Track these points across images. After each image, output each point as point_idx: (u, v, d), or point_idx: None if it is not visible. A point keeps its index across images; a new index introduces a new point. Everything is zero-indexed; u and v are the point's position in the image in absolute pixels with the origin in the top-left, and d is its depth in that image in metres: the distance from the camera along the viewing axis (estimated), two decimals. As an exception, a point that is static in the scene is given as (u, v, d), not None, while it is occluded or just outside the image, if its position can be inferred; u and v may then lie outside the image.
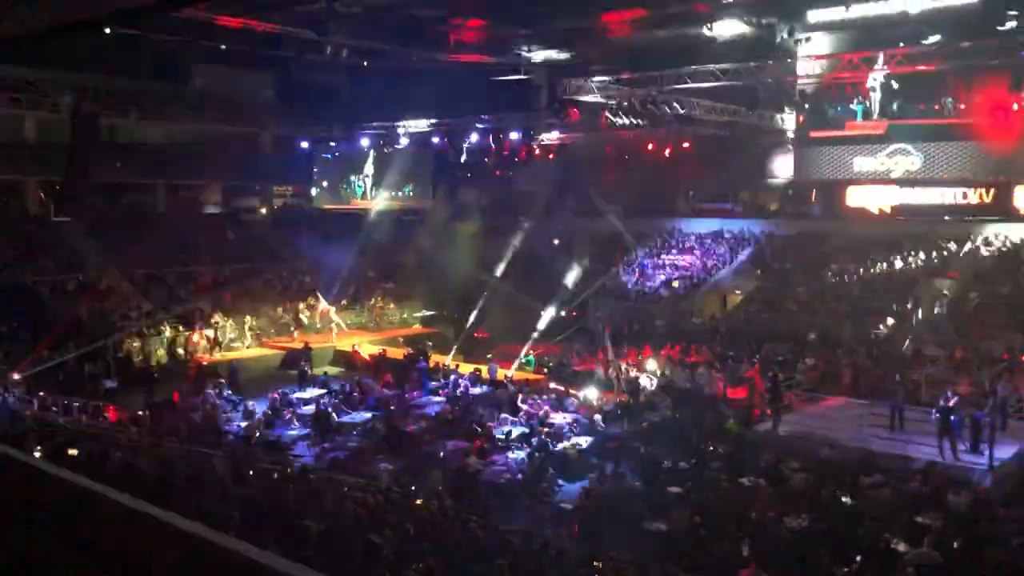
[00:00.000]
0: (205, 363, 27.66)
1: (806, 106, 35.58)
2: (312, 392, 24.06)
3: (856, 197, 36.06)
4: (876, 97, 33.20)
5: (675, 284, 35.78)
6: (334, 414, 21.53)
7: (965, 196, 33.38)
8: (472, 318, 32.80)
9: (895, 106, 33.70)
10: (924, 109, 33.67)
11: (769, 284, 34.18)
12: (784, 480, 16.02)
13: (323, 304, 32.33)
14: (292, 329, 31.88)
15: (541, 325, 33.03)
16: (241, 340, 30.43)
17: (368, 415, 21.77)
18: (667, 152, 35.86)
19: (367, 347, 30.70)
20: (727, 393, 23.52)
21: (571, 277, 35.26)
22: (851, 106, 34.75)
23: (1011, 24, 24.65)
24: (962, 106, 32.57)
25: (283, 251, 38.26)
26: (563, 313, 35.32)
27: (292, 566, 3.47)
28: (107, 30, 19.73)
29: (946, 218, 33.27)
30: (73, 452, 15.57)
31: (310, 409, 22.15)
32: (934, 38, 26.08)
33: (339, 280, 34.68)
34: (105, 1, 4.65)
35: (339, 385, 24.86)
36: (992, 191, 32.70)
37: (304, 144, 42.23)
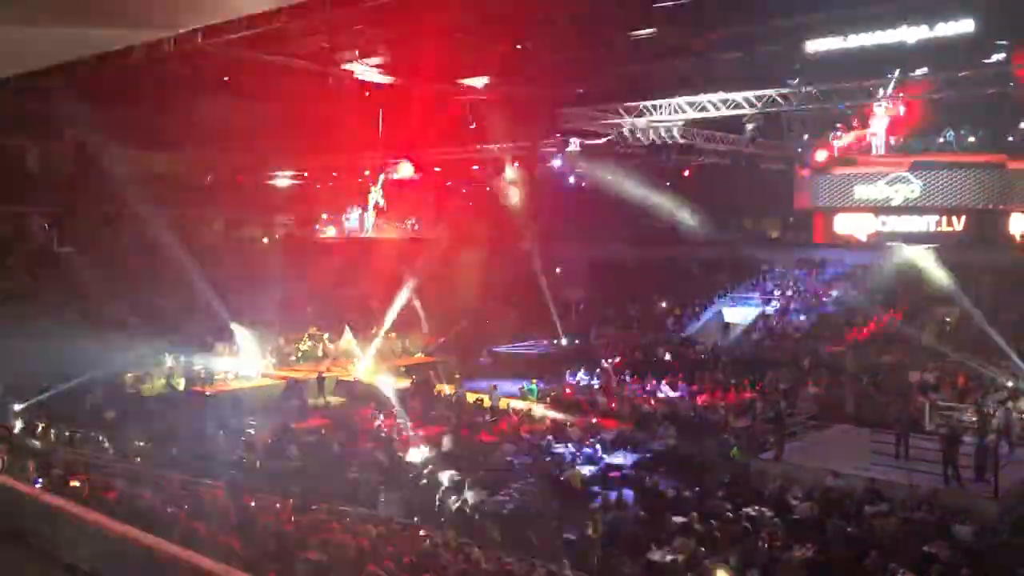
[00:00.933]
0: (207, 393, 27.65)
1: (806, 137, 35.82)
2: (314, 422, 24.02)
3: (843, 225, 36.25)
4: (882, 126, 33.41)
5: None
6: (336, 445, 21.47)
7: (950, 223, 33.48)
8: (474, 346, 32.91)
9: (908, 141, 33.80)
10: (927, 141, 33.84)
11: (770, 310, 34.18)
12: (789, 509, 15.93)
13: (347, 335, 32.28)
14: (320, 356, 31.80)
15: (542, 352, 33.21)
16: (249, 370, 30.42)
17: (370, 446, 21.68)
18: (666, 182, 36.04)
19: (367, 376, 30.69)
20: (731, 421, 23.47)
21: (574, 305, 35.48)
22: (847, 135, 34.96)
23: (998, 56, 24.83)
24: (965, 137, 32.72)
25: (287, 280, 38.34)
26: (567, 342, 35.47)
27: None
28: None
29: (928, 246, 33.00)
30: (75, 484, 15.53)
31: (314, 439, 22.08)
32: (921, 70, 26.30)
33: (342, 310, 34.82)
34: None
35: (341, 415, 24.83)
36: (964, 218, 32.81)
37: (305, 173, 42.44)
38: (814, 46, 33.84)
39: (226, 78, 33.49)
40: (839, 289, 33.97)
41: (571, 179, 35.80)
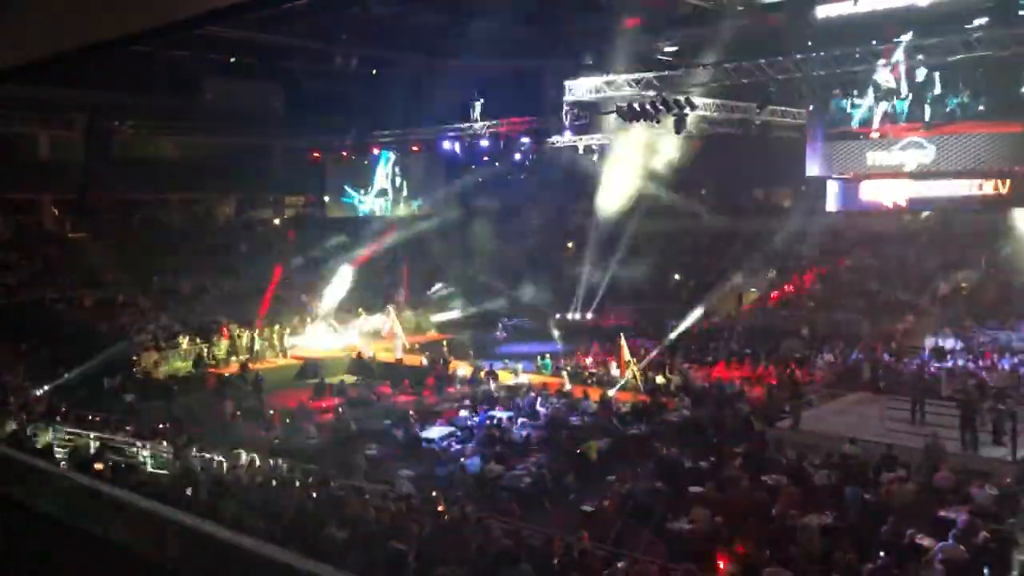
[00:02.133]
0: (226, 374, 27.93)
1: (812, 106, 35.44)
2: (329, 401, 24.31)
3: (869, 191, 35.93)
4: (893, 91, 33.02)
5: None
6: (352, 422, 21.72)
7: (980, 187, 33.15)
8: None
9: (929, 98, 33.35)
10: (939, 105, 33.41)
11: (785, 279, 34.11)
12: (806, 478, 16.01)
13: (392, 316, 32.48)
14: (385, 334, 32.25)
15: (557, 328, 33.30)
16: (271, 351, 30.63)
17: (387, 422, 21.92)
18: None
19: (383, 354, 30.95)
20: (745, 391, 23.55)
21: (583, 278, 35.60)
22: (858, 101, 34.56)
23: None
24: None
25: (300, 261, 38.63)
26: (579, 316, 35.52)
27: (320, 567, 3.56)
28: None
29: (962, 210, 33.01)
30: (99, 466, 15.75)
31: (329, 418, 22.33)
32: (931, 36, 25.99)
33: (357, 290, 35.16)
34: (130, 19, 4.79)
35: (357, 394, 25.06)
36: (1008, 182, 32.47)
37: (316, 154, 42.50)
38: (824, 11, 33.51)
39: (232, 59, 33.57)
40: (855, 256, 33.88)
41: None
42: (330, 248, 38.25)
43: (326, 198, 44.20)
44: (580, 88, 31.74)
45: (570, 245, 42.04)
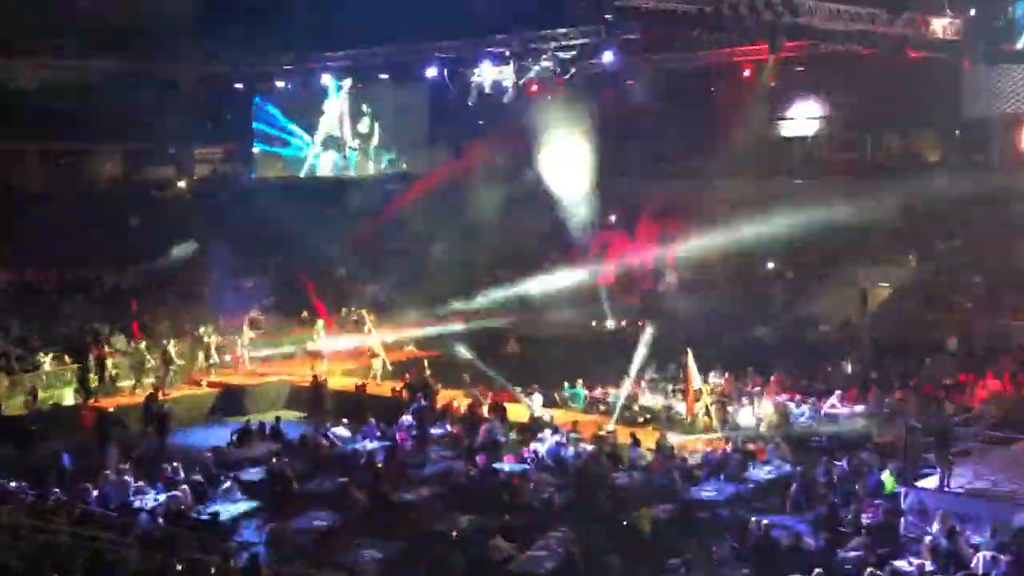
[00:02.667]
0: (109, 408, 27.97)
1: (973, 10, 35.12)
2: (261, 448, 24.24)
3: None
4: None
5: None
6: (294, 479, 21.66)
7: None
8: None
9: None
10: None
11: (930, 270, 33.96)
12: (964, 563, 15.88)
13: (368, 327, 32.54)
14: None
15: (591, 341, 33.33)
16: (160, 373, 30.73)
17: (343, 479, 21.88)
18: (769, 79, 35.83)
19: (339, 379, 31.03)
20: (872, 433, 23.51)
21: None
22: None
23: None
24: None
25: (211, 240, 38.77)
26: (623, 324, 35.53)
27: None
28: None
29: None
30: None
31: (259, 472, 22.34)
32: None
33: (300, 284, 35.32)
34: None
35: (299, 436, 25.02)
36: None
37: (239, 86, 42.45)
38: None
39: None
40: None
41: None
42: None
43: (255, 150, 44.29)
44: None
45: (612, 218, 42.11)
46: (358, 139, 43.13)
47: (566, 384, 28.94)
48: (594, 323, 35.67)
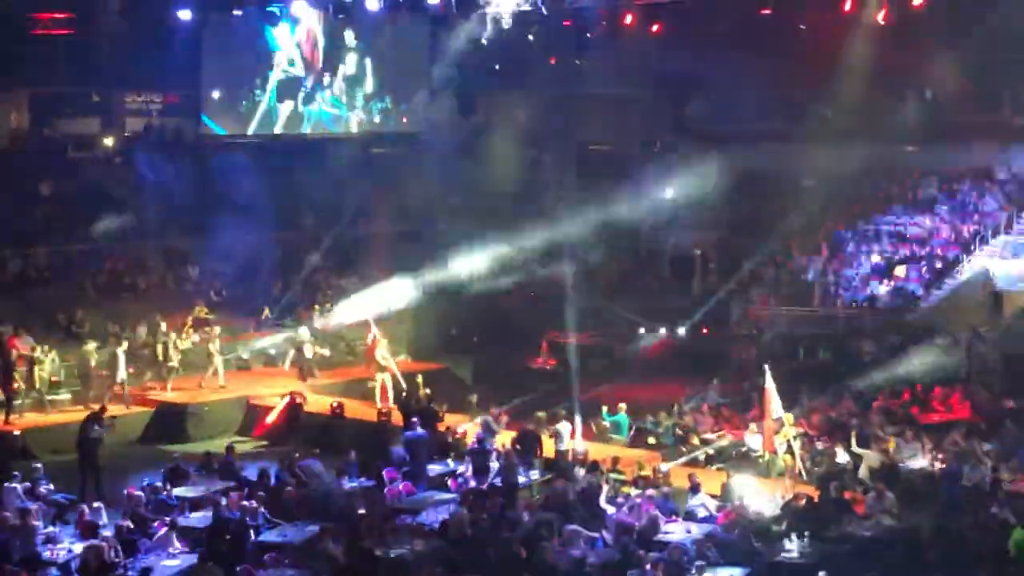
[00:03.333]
0: (14, 431, 28.17)
1: None
2: (208, 486, 24.29)
3: None
4: None
5: (901, 274, 35.89)
6: (251, 528, 21.65)
7: None
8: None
9: None
10: None
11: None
12: None
13: (373, 331, 32.34)
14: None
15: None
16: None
17: (314, 527, 21.87)
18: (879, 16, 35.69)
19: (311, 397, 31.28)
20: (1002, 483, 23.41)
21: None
22: None
23: None
24: None
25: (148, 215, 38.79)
26: (682, 331, 35.56)
27: None
28: None
29: None
30: None
31: (203, 518, 22.39)
32: None
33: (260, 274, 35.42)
34: None
35: (258, 471, 25.03)
36: None
37: (185, 15, 42.39)
38: None
39: None
40: None
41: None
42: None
43: (215, 94, 44.09)
44: None
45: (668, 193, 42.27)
46: (343, 83, 42.89)
47: (604, 410, 28.92)
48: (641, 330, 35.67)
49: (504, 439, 27.10)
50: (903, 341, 32.80)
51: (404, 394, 30.72)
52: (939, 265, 36.19)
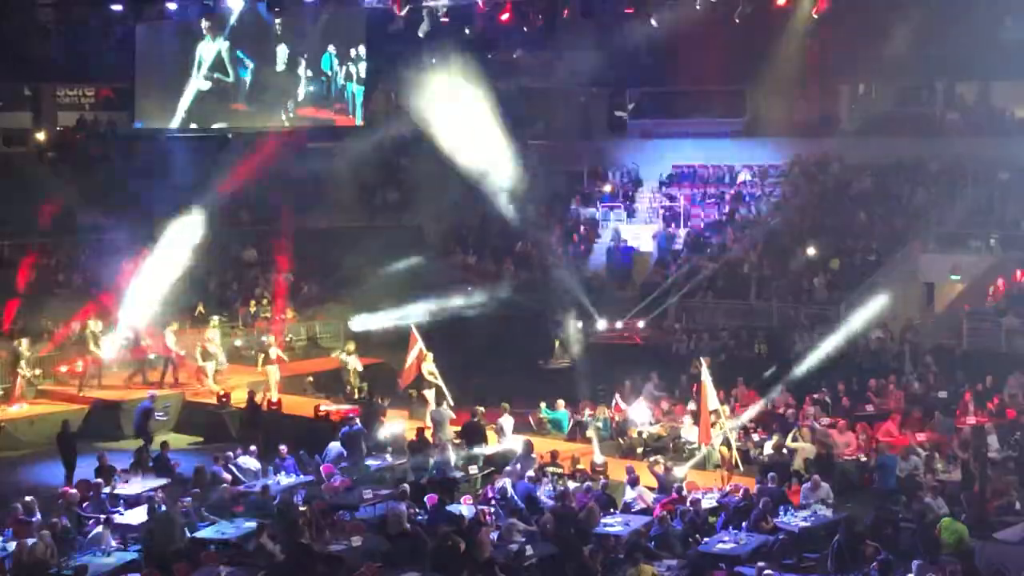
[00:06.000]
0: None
1: None
2: (143, 483, 24.15)
3: None
4: None
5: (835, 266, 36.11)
6: (185, 525, 21.53)
7: None
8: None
9: None
10: None
11: (1016, 258, 34.49)
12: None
13: (419, 344, 31.61)
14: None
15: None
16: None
17: (251, 524, 21.77)
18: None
19: (240, 393, 31.00)
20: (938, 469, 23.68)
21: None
22: None
23: None
24: None
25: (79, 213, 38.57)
26: (618, 325, 35.62)
27: None
28: None
29: None
30: None
31: (140, 516, 22.26)
32: None
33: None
34: None
35: (193, 469, 24.90)
36: None
37: (117, 7, 42.03)
38: None
39: None
40: None
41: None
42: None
43: (148, 88, 43.63)
44: None
45: (607, 187, 42.41)
46: (278, 76, 42.54)
47: (543, 405, 28.94)
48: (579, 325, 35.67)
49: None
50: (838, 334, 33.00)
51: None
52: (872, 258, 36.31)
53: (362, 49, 41.25)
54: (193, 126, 42.86)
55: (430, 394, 29.34)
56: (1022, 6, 34.55)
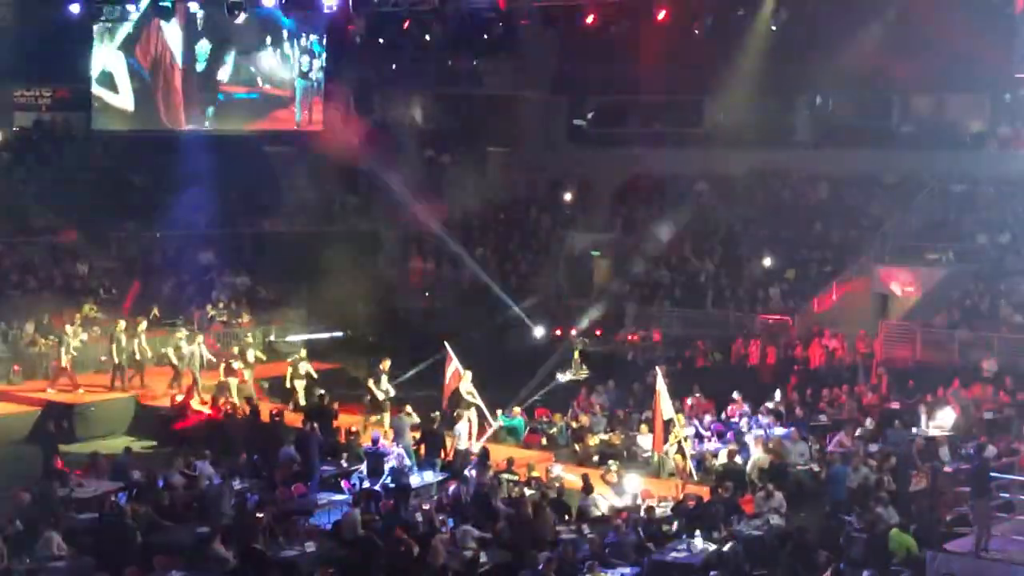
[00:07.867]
0: None
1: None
2: (98, 486, 23.95)
3: None
4: None
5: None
6: (137, 530, 21.39)
7: None
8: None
9: None
10: None
11: (968, 272, 34.59)
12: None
13: (455, 364, 31.05)
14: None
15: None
16: None
17: (203, 530, 21.67)
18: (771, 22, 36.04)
19: (197, 400, 30.76)
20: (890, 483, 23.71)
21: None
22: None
23: None
24: None
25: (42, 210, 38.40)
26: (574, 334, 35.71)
27: None
28: None
29: None
30: None
31: (91, 519, 22.03)
32: None
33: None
34: None
35: (146, 473, 24.77)
36: None
37: (74, 7, 41.78)
38: None
39: None
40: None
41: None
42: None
43: (104, 89, 43.30)
44: None
45: (566, 197, 42.48)
46: (235, 79, 42.35)
47: (500, 412, 28.92)
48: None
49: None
50: (792, 343, 33.20)
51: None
52: (828, 268, 36.53)
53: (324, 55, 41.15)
54: (147, 128, 42.49)
55: (471, 413, 28.25)
56: (977, 20, 34.64)
